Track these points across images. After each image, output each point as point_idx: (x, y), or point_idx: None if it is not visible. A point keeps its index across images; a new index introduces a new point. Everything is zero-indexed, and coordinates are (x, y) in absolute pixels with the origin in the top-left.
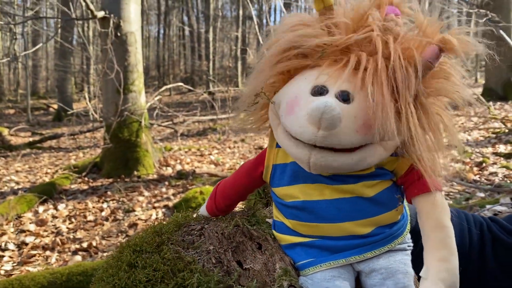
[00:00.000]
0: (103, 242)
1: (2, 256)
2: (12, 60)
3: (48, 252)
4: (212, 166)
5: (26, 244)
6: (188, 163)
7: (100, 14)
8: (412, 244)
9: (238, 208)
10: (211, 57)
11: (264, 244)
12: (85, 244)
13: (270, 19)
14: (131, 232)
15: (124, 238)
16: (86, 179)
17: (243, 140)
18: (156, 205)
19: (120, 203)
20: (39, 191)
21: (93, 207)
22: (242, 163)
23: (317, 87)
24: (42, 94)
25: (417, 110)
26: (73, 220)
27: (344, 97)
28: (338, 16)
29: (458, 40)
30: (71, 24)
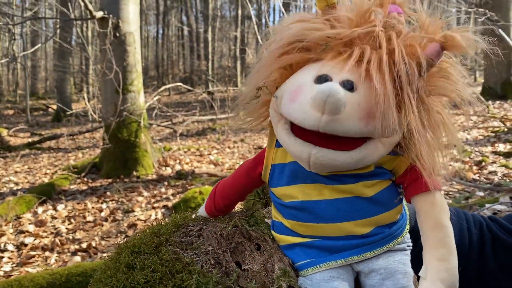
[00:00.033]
0: (103, 242)
1: (1, 257)
2: (11, 61)
3: (47, 253)
4: (212, 166)
5: (25, 245)
6: (187, 163)
7: (99, 14)
8: (411, 244)
9: (237, 208)
10: (210, 57)
11: (263, 244)
12: (84, 245)
13: (269, 19)
14: (130, 232)
15: (123, 238)
16: (85, 179)
17: (242, 140)
18: (155, 205)
19: (119, 203)
20: (38, 191)
21: (92, 207)
22: (241, 163)
23: (321, 76)
24: (41, 95)
25: (418, 106)
26: (72, 220)
27: (349, 86)
28: (341, 12)
29: (460, 37)
30: (70, 24)
